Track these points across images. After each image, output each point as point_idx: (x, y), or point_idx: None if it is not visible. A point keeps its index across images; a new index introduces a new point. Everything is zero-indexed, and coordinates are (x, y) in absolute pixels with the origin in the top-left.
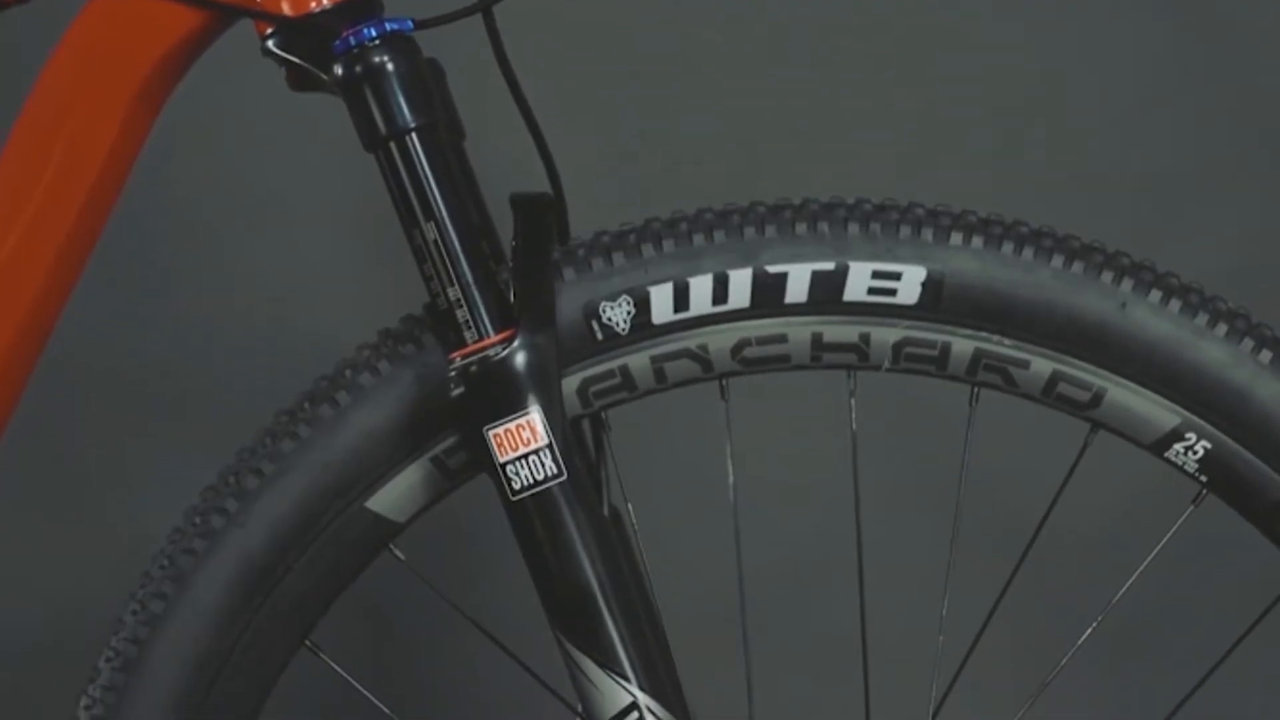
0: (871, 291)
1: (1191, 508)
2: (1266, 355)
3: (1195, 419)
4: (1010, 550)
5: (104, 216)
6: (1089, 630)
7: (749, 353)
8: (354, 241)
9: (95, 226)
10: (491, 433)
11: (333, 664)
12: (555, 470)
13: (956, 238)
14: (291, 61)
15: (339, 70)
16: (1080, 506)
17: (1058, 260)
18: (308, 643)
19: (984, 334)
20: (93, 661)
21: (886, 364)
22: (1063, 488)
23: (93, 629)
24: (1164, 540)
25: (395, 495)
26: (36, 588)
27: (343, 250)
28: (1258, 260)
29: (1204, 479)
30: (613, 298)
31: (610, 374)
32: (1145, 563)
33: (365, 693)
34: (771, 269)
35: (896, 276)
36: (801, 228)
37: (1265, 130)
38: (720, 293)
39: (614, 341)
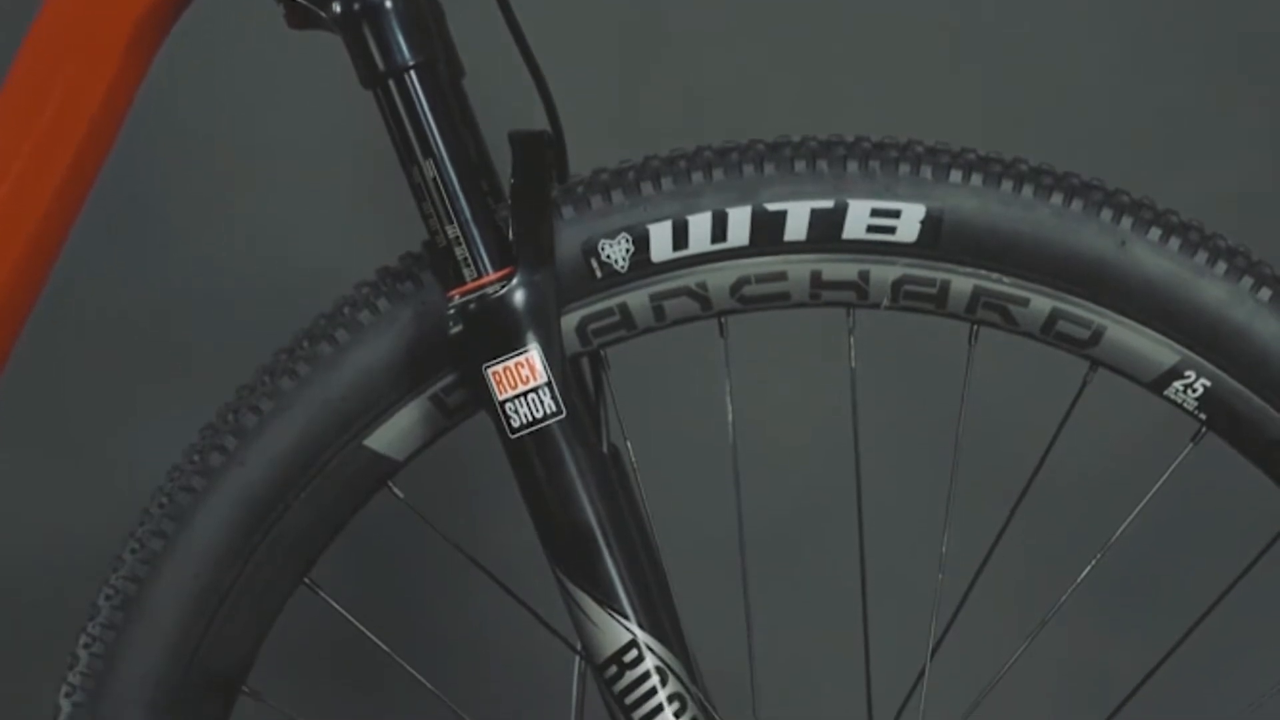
0: (870, 229)
1: (1190, 445)
2: (1266, 293)
3: (1194, 356)
4: (1010, 488)
5: (103, 155)
6: (1087, 568)
7: (748, 291)
8: (352, 179)
9: (94, 165)
10: (490, 370)
11: (331, 601)
12: (554, 408)
13: (955, 175)
14: None
15: (337, 7)
16: (1080, 445)
17: (1057, 198)
18: (306, 580)
19: (983, 272)
20: (92, 599)
21: (885, 302)
22: (1062, 425)
23: (92, 567)
24: (1163, 478)
25: (394, 433)
26: (36, 526)
27: (341, 188)
28: (1258, 197)
29: (1203, 417)
30: (612, 235)
31: (609, 312)
32: (1144, 500)
33: (364, 630)
34: (770, 207)
35: (895, 214)
36: (800, 165)
37: (1269, 67)
38: (719, 230)
39: (613, 279)
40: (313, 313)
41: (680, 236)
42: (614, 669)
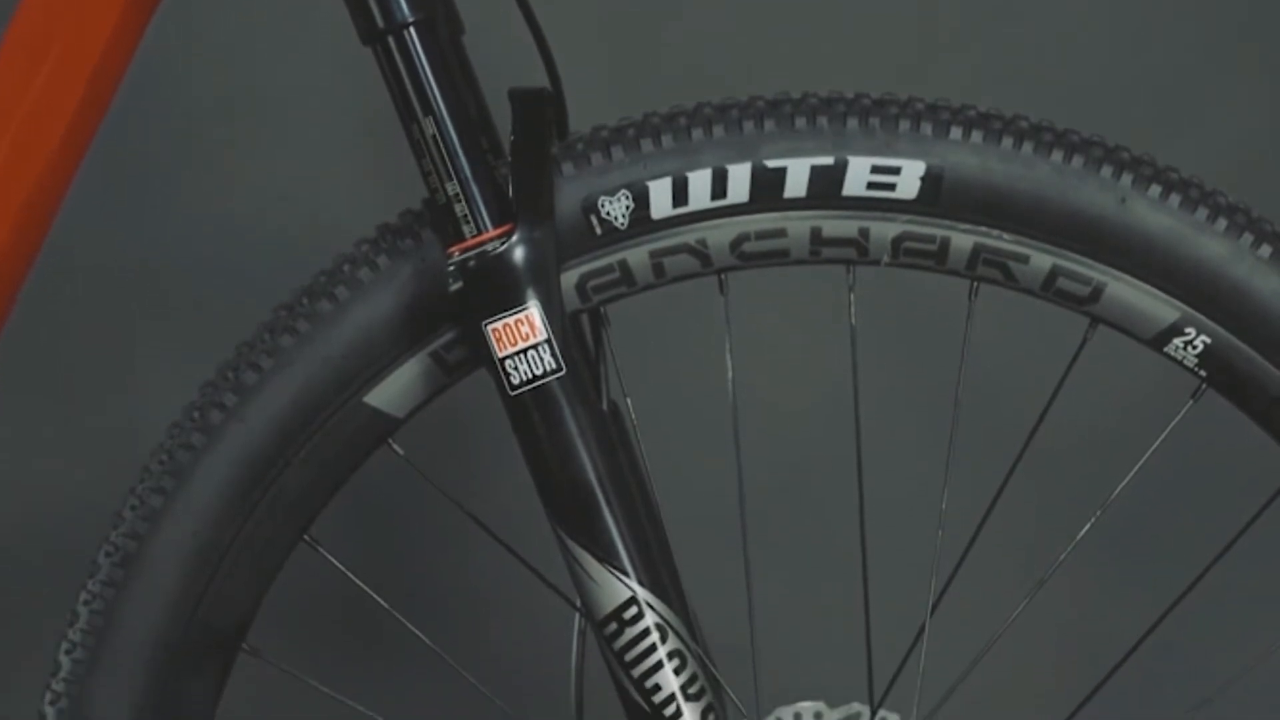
0: (871, 186)
1: (1190, 403)
2: (1266, 250)
3: (1195, 313)
4: (1010, 446)
5: (103, 109)
6: (1087, 526)
7: (748, 247)
8: (352, 136)
9: (92, 123)
10: (490, 327)
11: (331, 558)
12: (554, 365)
13: (956, 132)
14: None
15: None
16: (1080, 402)
17: (1057, 155)
18: (306, 538)
19: (983, 229)
20: (92, 556)
21: (886, 258)
22: (1062, 382)
23: (92, 523)
24: (1163, 435)
25: (394, 390)
26: (35, 483)
27: (341, 145)
28: (1259, 154)
29: (1203, 374)
30: (611, 193)
31: (609, 269)
32: (1144, 458)
33: (364, 587)
34: (770, 164)
35: (896, 171)
36: (800, 122)
37: (1272, 22)
38: (719, 187)
39: (613, 236)
40: (313, 270)
41: (680, 193)
42: (614, 626)
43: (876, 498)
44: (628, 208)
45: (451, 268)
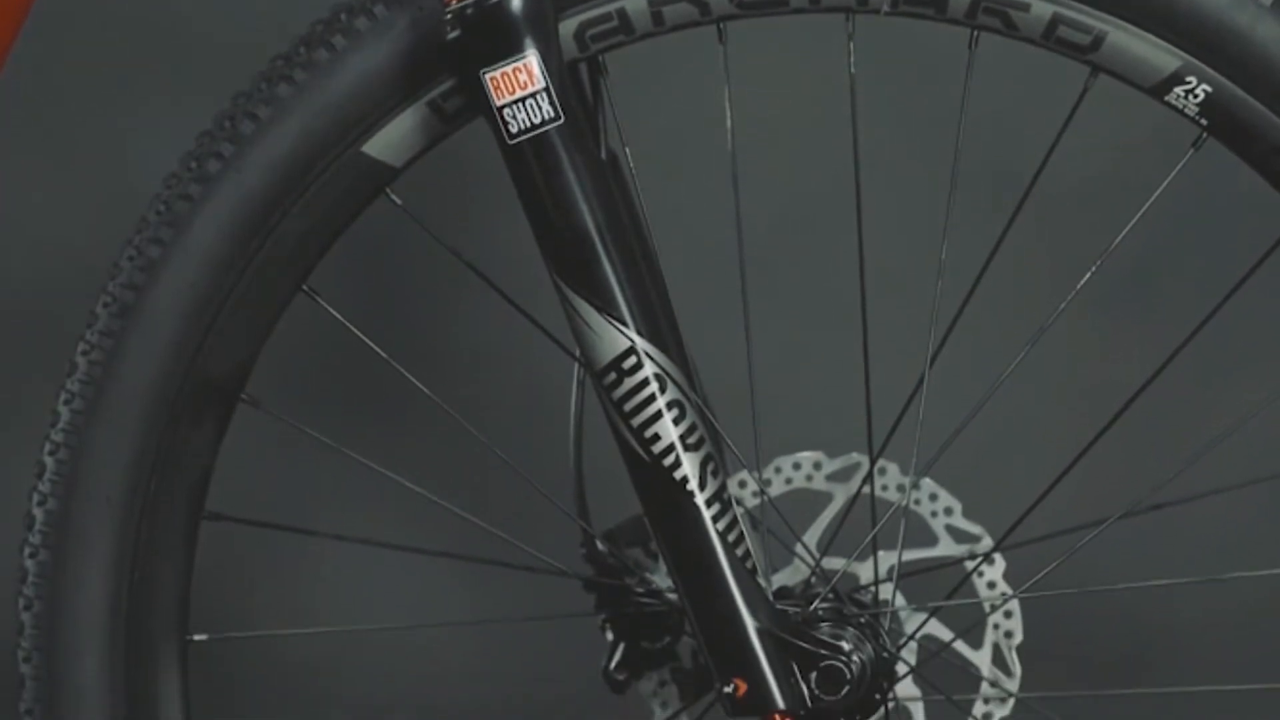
0: None
1: (1191, 151)
2: None
3: (1196, 62)
4: (1010, 196)
5: None
6: (1087, 275)
7: None
8: None
9: None
10: (488, 76)
11: (329, 308)
12: (552, 114)
13: None
14: None
15: None
16: (1081, 152)
17: None
18: (305, 288)
19: None
20: (90, 307)
21: (885, 7)
22: (1062, 131)
23: (90, 276)
24: (1164, 184)
25: (391, 139)
26: (33, 236)
27: None
28: None
29: (1204, 123)
30: None
31: (607, 17)
32: (1145, 205)
33: (362, 337)
34: None
35: None
36: None
37: None
38: None
39: None
40: (309, 19)
41: None
42: (613, 376)
43: (877, 248)
44: None
45: (449, 16)
